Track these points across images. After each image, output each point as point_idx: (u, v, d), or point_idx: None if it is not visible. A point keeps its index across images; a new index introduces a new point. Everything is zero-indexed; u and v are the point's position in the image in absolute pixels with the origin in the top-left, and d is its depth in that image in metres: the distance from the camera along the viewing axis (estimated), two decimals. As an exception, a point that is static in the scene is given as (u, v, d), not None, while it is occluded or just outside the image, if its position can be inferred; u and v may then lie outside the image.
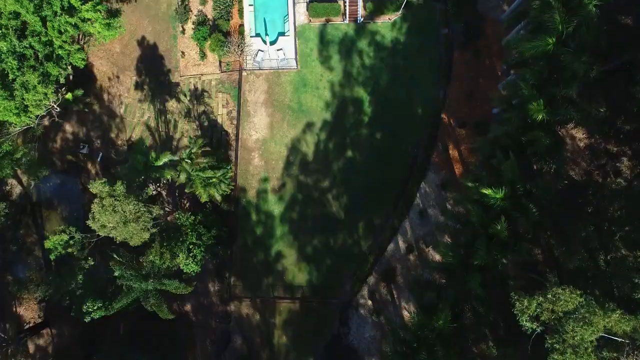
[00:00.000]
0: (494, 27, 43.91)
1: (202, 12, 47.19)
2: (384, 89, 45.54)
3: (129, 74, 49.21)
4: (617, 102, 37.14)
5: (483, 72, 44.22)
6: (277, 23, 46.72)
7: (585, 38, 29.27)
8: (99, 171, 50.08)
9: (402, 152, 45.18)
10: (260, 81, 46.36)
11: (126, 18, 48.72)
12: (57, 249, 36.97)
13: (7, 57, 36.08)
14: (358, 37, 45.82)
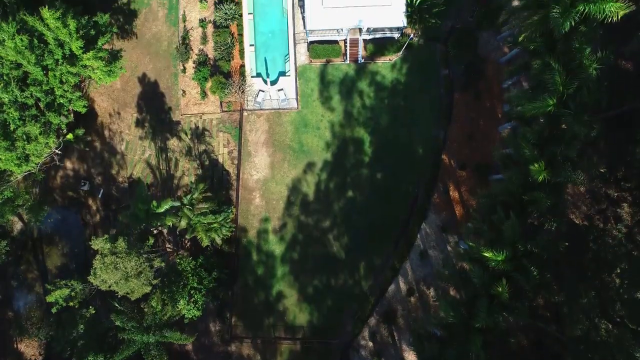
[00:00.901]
0: (495, 69, 44.00)
1: (203, 51, 47.28)
2: (384, 129, 45.63)
3: (129, 111, 49.27)
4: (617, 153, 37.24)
5: (483, 113, 44.29)
6: (278, 62, 46.82)
7: (586, 99, 29.35)
8: (100, 207, 50.17)
9: (403, 192, 45.24)
10: (261, 121, 46.44)
11: (127, 55, 48.86)
12: (59, 302, 36.96)
13: (8, 108, 36.13)
14: (359, 77, 45.91)
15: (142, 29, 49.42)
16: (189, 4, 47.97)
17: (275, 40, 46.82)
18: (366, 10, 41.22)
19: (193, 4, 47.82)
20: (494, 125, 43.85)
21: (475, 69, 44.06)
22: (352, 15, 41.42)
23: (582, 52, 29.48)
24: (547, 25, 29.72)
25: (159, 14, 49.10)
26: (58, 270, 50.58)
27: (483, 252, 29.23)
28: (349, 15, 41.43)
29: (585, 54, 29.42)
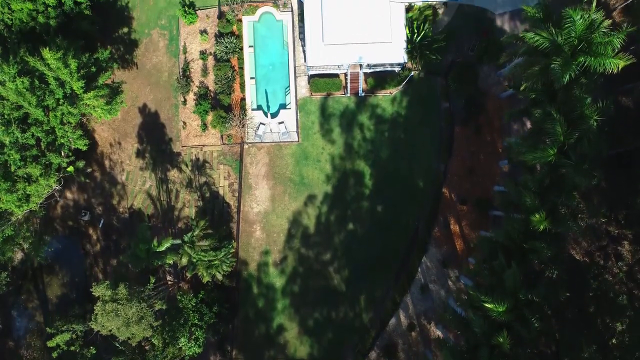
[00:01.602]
0: (495, 104, 44.05)
1: (204, 83, 47.32)
2: (385, 162, 45.68)
3: (130, 141, 49.30)
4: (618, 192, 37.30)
5: (484, 148, 44.34)
6: (278, 95, 46.89)
7: (586, 150, 29.39)
8: (100, 237, 50.21)
9: (403, 225, 45.29)
10: (261, 154, 46.48)
11: (128, 85, 48.98)
12: (60, 346, 36.97)
13: (9, 149, 36.17)
14: (359, 110, 45.97)
15: (142, 59, 49.45)
16: (190, 35, 48.01)
17: (276, 72, 46.89)
18: (367, 47, 41.28)
19: (194, 36, 47.86)
20: (495, 160, 43.91)
21: (475, 103, 44.11)
22: (353, 52, 41.48)
23: (582, 102, 29.55)
24: (548, 76, 29.78)
25: (160, 44, 49.14)
26: (58, 300, 50.62)
27: (484, 303, 29.26)
28: (349, 52, 41.49)
29: (585, 104, 29.49)
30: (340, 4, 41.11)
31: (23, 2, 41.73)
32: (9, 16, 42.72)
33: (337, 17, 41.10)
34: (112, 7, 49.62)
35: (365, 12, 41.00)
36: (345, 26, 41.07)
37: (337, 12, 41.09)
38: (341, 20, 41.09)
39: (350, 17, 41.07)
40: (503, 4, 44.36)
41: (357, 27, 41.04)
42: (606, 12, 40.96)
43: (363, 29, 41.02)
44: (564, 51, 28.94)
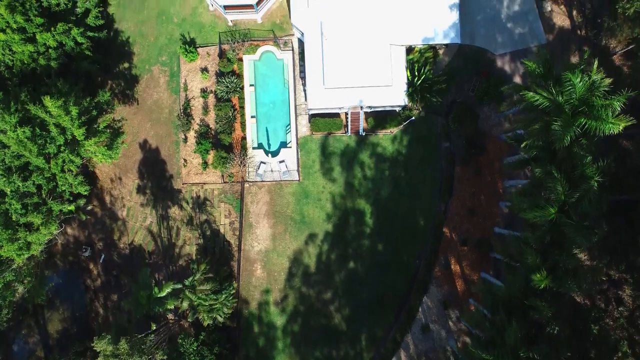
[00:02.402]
0: (495, 145, 44.10)
1: (204, 121, 47.36)
2: (385, 200, 45.73)
3: (131, 177, 49.32)
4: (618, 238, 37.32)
5: (484, 188, 44.38)
6: (279, 133, 46.95)
7: (587, 209, 29.43)
8: (101, 272, 50.20)
9: (404, 264, 45.32)
10: (262, 192, 46.51)
11: (128, 120, 49.09)
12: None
13: (10, 199, 36.19)
14: (359, 148, 46.02)
15: (143, 95, 49.51)
16: (191, 73, 48.07)
17: (277, 110, 46.97)
18: (367, 90, 41.35)
19: (194, 73, 47.92)
20: (495, 201, 43.96)
21: (476, 143, 44.16)
22: (353, 95, 41.55)
23: (583, 160, 29.59)
24: (548, 134, 29.82)
25: (160, 81, 49.19)
26: (59, 335, 50.64)
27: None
28: (350, 95, 41.56)
29: (586, 163, 29.53)
30: (340, 48, 41.17)
31: (24, 45, 41.80)
32: (10, 57, 42.80)
33: (338, 60, 41.17)
34: (113, 42, 49.72)
35: (366, 55, 41.07)
36: (346, 70, 41.13)
37: (338, 55, 41.16)
38: (342, 63, 41.16)
39: (351, 61, 41.14)
40: (503, 45, 44.45)
41: (358, 70, 41.11)
42: (606, 56, 41.36)
43: (364, 73, 41.09)
44: (565, 112, 28.99)
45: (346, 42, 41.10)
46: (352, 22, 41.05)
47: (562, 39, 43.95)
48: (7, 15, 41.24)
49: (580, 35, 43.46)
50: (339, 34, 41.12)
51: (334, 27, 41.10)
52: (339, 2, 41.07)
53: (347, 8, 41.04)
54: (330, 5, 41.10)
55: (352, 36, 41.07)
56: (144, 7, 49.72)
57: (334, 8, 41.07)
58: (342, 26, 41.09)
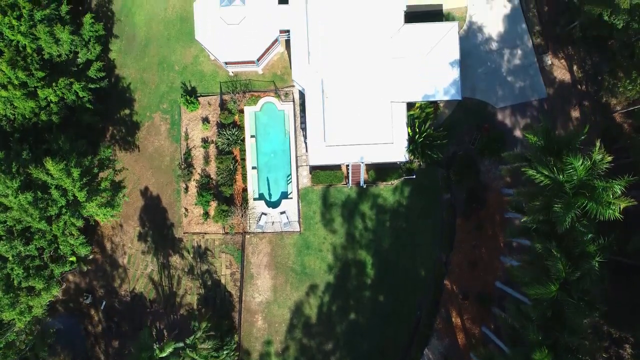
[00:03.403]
0: (496, 198, 44.17)
1: (205, 171, 47.41)
2: (386, 252, 45.78)
3: (132, 224, 49.33)
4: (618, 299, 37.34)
5: (485, 242, 44.44)
6: (280, 183, 47.01)
7: (588, 287, 29.48)
8: (102, 319, 50.18)
9: (405, 315, 45.34)
10: (263, 243, 46.55)
11: (129, 166, 49.15)
12: None
13: (12, 263, 36.24)
14: (360, 199, 46.08)
15: (144, 142, 49.57)
16: (191, 122, 48.14)
17: (278, 160, 47.04)
18: (368, 147, 41.43)
19: (195, 123, 48.00)
20: (496, 255, 44.02)
21: (477, 197, 44.21)
22: (355, 152, 41.63)
23: (584, 237, 29.64)
24: (550, 212, 29.87)
25: (161, 128, 49.25)
26: (60, 381, 50.63)
27: None
28: (351, 152, 41.64)
29: (586, 240, 29.58)
30: (342, 105, 41.26)
31: (25, 101, 41.89)
32: (11, 111, 42.86)
33: (339, 118, 41.25)
34: (114, 88, 49.79)
35: (367, 112, 41.16)
36: (347, 127, 41.22)
37: (339, 113, 41.25)
38: (343, 121, 41.24)
39: (352, 118, 41.22)
40: (504, 98, 44.55)
41: (359, 127, 41.20)
42: (606, 112, 41.47)
43: (365, 130, 41.18)
44: (566, 192, 29.05)
45: (347, 100, 41.19)
46: (353, 80, 41.14)
47: (562, 93, 44.06)
48: (9, 71, 41.38)
49: (581, 90, 43.56)
50: (339, 91, 41.21)
51: (335, 84, 41.19)
52: (340, 60, 41.14)
53: (347, 66, 41.13)
54: (330, 63, 41.18)
55: (353, 94, 41.16)
56: (145, 54, 49.81)
57: (335, 66, 41.16)
58: (343, 84, 41.19)
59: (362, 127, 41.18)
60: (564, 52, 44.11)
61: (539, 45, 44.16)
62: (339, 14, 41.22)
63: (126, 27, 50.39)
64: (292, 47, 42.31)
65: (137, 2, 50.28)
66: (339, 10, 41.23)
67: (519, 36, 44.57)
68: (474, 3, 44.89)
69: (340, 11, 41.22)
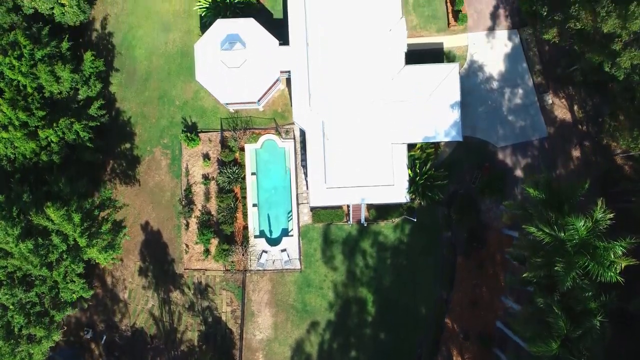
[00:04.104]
0: (497, 238, 44.19)
1: (206, 207, 47.39)
2: (387, 289, 45.80)
3: (132, 258, 49.31)
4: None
5: (486, 281, 44.46)
6: (281, 220, 47.00)
7: (589, 345, 29.47)
8: (103, 353, 50.17)
9: (406, 353, 45.32)
10: (264, 281, 46.55)
11: (130, 201, 49.09)
12: None
13: (12, 311, 36.22)
14: (361, 237, 46.10)
15: (145, 177, 49.52)
16: (192, 158, 48.14)
17: (278, 196, 47.03)
18: (369, 189, 41.44)
19: (196, 159, 47.99)
20: (497, 295, 44.03)
21: (477, 236, 44.21)
22: (355, 194, 41.65)
23: (585, 294, 29.63)
24: (551, 268, 29.87)
25: (162, 163, 49.23)
26: (60, 414, 50.62)
27: None
28: (352, 194, 41.65)
29: (588, 297, 29.57)
30: (342, 147, 41.27)
31: (26, 142, 41.86)
32: (11, 151, 42.81)
33: (340, 160, 41.25)
34: (114, 122, 49.74)
35: (368, 155, 41.16)
36: (348, 169, 41.22)
37: (340, 155, 41.24)
38: (344, 163, 41.24)
39: (352, 160, 41.22)
40: (505, 138, 44.57)
41: (360, 170, 41.19)
42: (607, 154, 41.47)
43: (365, 172, 41.18)
44: (567, 251, 29.05)
45: (348, 142, 41.21)
46: (354, 122, 41.15)
47: (563, 133, 44.10)
48: (10, 112, 41.36)
49: (582, 130, 43.59)
50: (340, 133, 41.22)
51: (336, 126, 41.20)
52: (341, 102, 41.15)
53: (348, 108, 41.15)
54: (331, 105, 41.19)
55: (353, 135, 41.17)
56: (146, 88, 49.78)
57: (336, 108, 41.16)
58: (343, 125, 41.20)
59: (363, 169, 41.19)
60: (564, 91, 44.14)
61: (539, 84, 44.18)
62: (339, 55, 41.24)
63: (127, 61, 50.34)
64: (292, 88, 42.33)
65: (138, 36, 50.26)
66: (339, 52, 41.24)
67: (520, 75, 44.60)
68: (475, 42, 44.90)
69: (341, 53, 41.24)
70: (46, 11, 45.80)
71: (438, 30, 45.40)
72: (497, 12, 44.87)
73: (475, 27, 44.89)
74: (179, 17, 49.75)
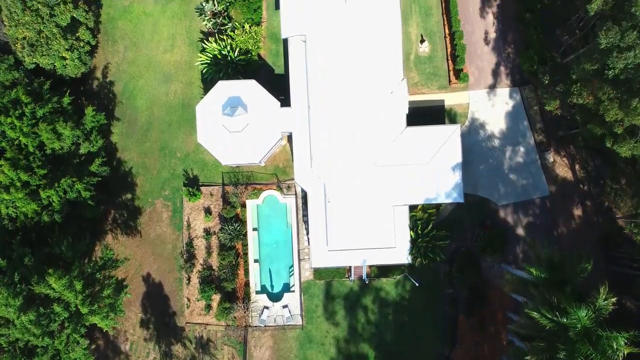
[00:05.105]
0: (498, 296, 44.19)
1: (207, 262, 47.38)
2: (389, 345, 45.77)
3: (134, 310, 49.29)
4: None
5: (488, 339, 44.47)
6: (282, 274, 47.03)
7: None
8: (104, 404, 50.19)
9: (408, 410, 45.41)
10: (266, 337, 46.54)
11: (132, 252, 49.10)
12: None
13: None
14: (363, 293, 46.12)
15: (146, 228, 49.52)
16: (194, 211, 48.13)
17: (280, 250, 47.05)
18: (371, 252, 41.41)
19: (197, 213, 47.98)
20: (498, 353, 44.01)
21: (479, 294, 44.20)
22: (357, 256, 41.62)
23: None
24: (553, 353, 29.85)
25: (163, 215, 49.22)
26: None
27: None
28: (353, 256, 41.63)
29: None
30: (344, 210, 41.23)
31: (28, 204, 41.87)
32: (13, 210, 42.81)
33: (341, 223, 41.23)
34: (116, 172, 49.67)
35: (370, 217, 41.14)
36: (350, 232, 41.19)
37: (341, 218, 41.22)
38: (345, 226, 41.21)
39: (354, 223, 41.19)
40: (506, 196, 44.58)
41: (362, 232, 41.17)
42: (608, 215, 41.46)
43: (367, 235, 41.16)
44: (570, 337, 29.05)
45: (349, 204, 41.17)
46: (355, 185, 41.12)
47: (564, 192, 44.12)
48: (11, 172, 41.37)
49: (583, 190, 43.59)
50: (342, 196, 41.19)
51: (338, 189, 41.18)
52: (342, 165, 41.12)
53: (350, 171, 41.11)
54: (333, 168, 41.17)
55: (355, 198, 41.14)
56: (147, 139, 49.78)
57: (337, 171, 41.14)
58: (345, 188, 41.17)
59: (365, 231, 41.17)
60: (566, 150, 44.17)
61: (541, 142, 44.20)
62: (341, 118, 41.24)
63: (128, 110, 50.36)
64: (294, 149, 42.33)
65: (139, 86, 50.27)
66: (341, 114, 41.23)
67: (521, 133, 44.63)
68: (476, 100, 44.93)
69: (343, 115, 41.23)
70: (47, 66, 45.86)
71: (439, 88, 45.45)
72: (498, 70, 44.91)
73: (477, 85, 44.93)
74: (180, 68, 49.80)
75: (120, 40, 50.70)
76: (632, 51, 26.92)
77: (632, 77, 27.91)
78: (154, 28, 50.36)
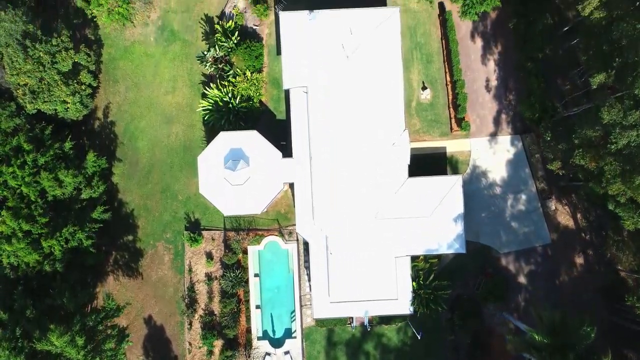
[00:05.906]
0: (500, 344, 44.11)
1: (209, 307, 47.36)
2: (391, 391, 45.83)
3: (135, 352, 49.24)
4: None
5: (490, 387, 44.45)
6: (284, 319, 46.99)
7: None
8: None
9: None
10: (267, 383, 46.54)
11: (133, 294, 49.10)
12: None
13: None
14: (365, 339, 46.11)
15: (148, 271, 49.49)
16: (195, 255, 48.11)
17: (282, 295, 47.03)
18: (373, 303, 41.40)
19: (199, 257, 47.96)
20: (501, 402, 44.04)
21: (480, 341, 44.21)
22: (359, 307, 41.59)
23: None
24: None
25: (165, 258, 49.20)
26: None
27: None
28: (355, 307, 41.60)
29: None
30: (346, 262, 41.23)
31: (29, 254, 41.87)
32: (15, 259, 42.78)
33: (343, 274, 41.21)
34: (117, 213, 49.61)
35: (371, 269, 41.13)
36: (351, 284, 41.17)
37: (343, 269, 41.20)
38: (347, 277, 41.20)
39: (356, 275, 41.18)
40: (508, 244, 44.58)
41: (364, 284, 41.16)
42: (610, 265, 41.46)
43: (369, 286, 41.15)
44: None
45: (351, 256, 41.16)
46: (357, 236, 41.12)
47: (566, 240, 44.13)
48: (13, 223, 41.37)
49: (585, 239, 43.57)
50: (344, 248, 41.18)
51: (339, 241, 41.16)
52: (344, 217, 41.12)
53: (351, 223, 41.10)
54: (335, 220, 41.17)
55: (357, 250, 41.13)
56: (149, 181, 49.75)
57: (339, 223, 41.13)
58: (347, 240, 41.15)
59: (367, 282, 41.15)
60: (567, 199, 44.18)
61: (542, 190, 44.20)
62: (343, 169, 41.23)
63: (129, 152, 50.32)
64: (296, 199, 42.28)
65: (140, 127, 50.23)
66: (343, 165, 41.23)
67: (523, 181, 44.64)
68: (477, 147, 44.95)
69: (345, 166, 41.22)
70: (49, 110, 45.86)
71: (441, 135, 45.47)
72: (499, 118, 44.94)
73: (478, 133, 44.95)
74: (181, 110, 49.77)
75: (121, 81, 50.66)
76: (635, 130, 26.96)
77: (635, 152, 27.93)
78: (156, 69, 50.32)
